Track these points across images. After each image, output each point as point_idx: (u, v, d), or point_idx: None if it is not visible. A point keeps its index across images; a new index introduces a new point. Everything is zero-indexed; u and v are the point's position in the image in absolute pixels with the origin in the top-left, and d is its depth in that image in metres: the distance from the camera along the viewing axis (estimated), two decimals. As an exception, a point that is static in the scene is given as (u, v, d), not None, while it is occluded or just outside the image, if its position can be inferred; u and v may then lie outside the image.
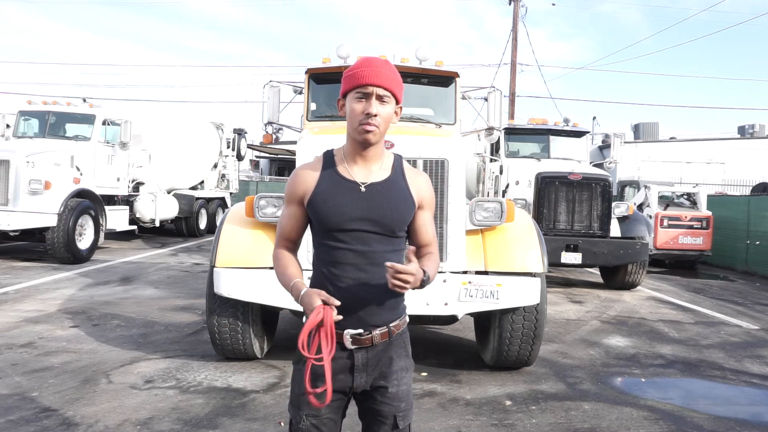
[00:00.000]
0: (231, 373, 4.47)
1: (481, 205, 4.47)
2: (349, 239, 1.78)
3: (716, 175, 21.75)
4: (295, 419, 1.83)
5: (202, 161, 15.65)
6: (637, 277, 9.24)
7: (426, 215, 1.91)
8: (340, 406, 1.87)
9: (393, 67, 1.80)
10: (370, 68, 1.75)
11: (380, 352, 1.83)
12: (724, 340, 6.27)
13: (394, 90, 1.78)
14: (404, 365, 1.89)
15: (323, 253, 1.83)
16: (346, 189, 1.80)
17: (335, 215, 1.78)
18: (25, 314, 6.14)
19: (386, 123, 1.79)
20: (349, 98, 1.79)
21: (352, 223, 1.78)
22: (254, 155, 32.73)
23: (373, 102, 1.74)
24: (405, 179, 1.87)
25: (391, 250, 1.82)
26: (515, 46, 20.08)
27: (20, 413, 3.59)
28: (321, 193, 1.80)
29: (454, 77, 5.62)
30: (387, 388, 1.84)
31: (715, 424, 3.84)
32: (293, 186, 1.87)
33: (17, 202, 9.34)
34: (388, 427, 1.86)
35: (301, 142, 4.62)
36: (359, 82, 1.75)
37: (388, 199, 1.81)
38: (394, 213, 1.81)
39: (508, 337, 4.47)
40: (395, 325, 1.85)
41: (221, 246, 4.31)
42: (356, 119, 1.76)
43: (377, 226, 1.79)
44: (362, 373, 1.82)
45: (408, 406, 1.89)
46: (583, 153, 10.72)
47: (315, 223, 1.84)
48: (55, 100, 11.80)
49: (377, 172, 1.84)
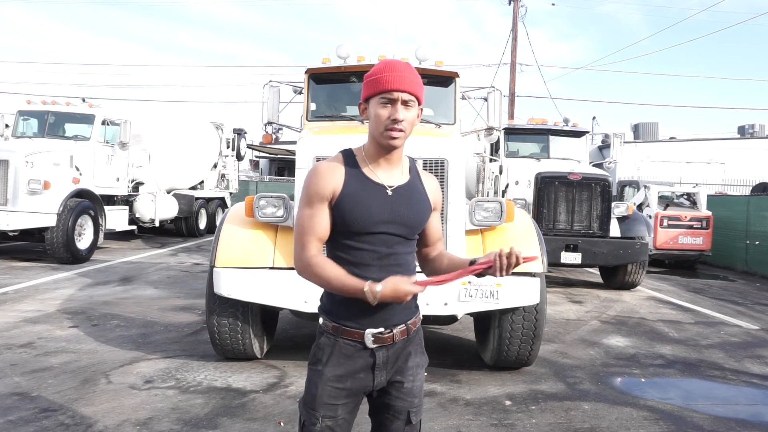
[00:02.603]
0: (231, 373, 4.47)
1: (481, 205, 4.47)
2: (374, 241, 1.78)
3: (716, 175, 21.76)
4: (310, 420, 1.82)
5: (201, 161, 15.64)
6: (636, 277, 9.23)
7: (437, 216, 1.98)
8: (356, 406, 1.87)
9: (415, 70, 1.80)
10: (394, 73, 1.74)
11: (399, 350, 1.85)
12: (724, 340, 6.27)
13: (418, 93, 1.79)
14: (420, 361, 1.93)
15: (344, 253, 1.80)
16: (374, 192, 1.79)
17: (364, 218, 1.76)
18: (24, 314, 6.14)
19: (411, 127, 1.79)
20: (372, 103, 1.78)
21: (380, 226, 1.77)
22: (254, 155, 32.74)
23: (399, 107, 1.74)
24: (421, 182, 1.90)
25: (409, 252, 1.86)
26: (515, 46, 20.07)
27: (19, 413, 3.58)
28: (350, 195, 1.77)
29: (454, 77, 5.62)
30: (403, 383, 1.87)
31: (715, 424, 3.84)
32: (320, 184, 1.77)
33: (16, 202, 9.32)
34: (402, 423, 1.88)
35: (300, 142, 4.62)
36: (384, 88, 1.74)
37: (411, 201, 1.83)
38: (417, 215, 1.84)
39: (508, 337, 4.47)
40: (412, 322, 1.89)
41: (221, 246, 4.31)
42: (382, 125, 1.75)
43: (402, 228, 1.80)
44: (382, 371, 1.83)
45: (420, 402, 1.93)
46: (583, 153, 10.72)
47: (340, 224, 1.79)
48: (54, 99, 11.78)
49: (399, 175, 1.85)
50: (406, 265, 1.83)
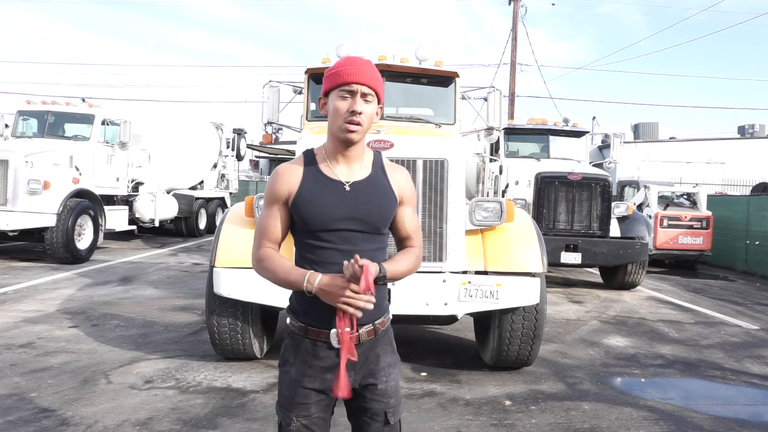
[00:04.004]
0: (231, 373, 4.47)
1: (481, 205, 4.47)
2: (335, 239, 1.78)
3: (716, 175, 21.76)
4: (285, 421, 1.83)
5: (201, 161, 15.64)
6: (636, 277, 9.23)
7: (407, 210, 1.92)
8: (329, 405, 1.87)
9: (374, 67, 1.82)
10: (353, 67, 1.76)
11: (367, 350, 1.83)
12: (724, 340, 6.27)
13: (377, 88, 1.80)
14: (391, 361, 1.90)
15: (308, 252, 1.81)
16: (331, 189, 1.79)
17: (321, 216, 1.77)
18: (24, 314, 6.14)
19: (369, 121, 1.79)
20: (332, 97, 1.79)
21: (338, 223, 1.77)
22: (254, 155, 32.72)
23: (358, 100, 1.75)
24: (386, 176, 1.88)
25: (376, 248, 1.83)
26: (515, 46, 20.08)
27: (19, 413, 3.58)
28: (306, 194, 1.79)
29: (454, 77, 5.62)
30: (376, 385, 1.85)
31: (715, 424, 3.84)
32: (275, 186, 1.83)
33: (16, 202, 9.32)
34: (380, 425, 1.86)
35: (300, 142, 4.62)
36: (343, 80, 1.75)
37: (372, 197, 1.81)
38: (378, 210, 1.81)
39: (508, 337, 4.47)
40: (380, 323, 1.86)
41: (221, 246, 4.31)
42: (340, 118, 1.76)
43: (362, 224, 1.79)
44: (350, 371, 1.81)
45: (397, 402, 1.90)
46: (583, 153, 10.72)
47: (299, 223, 1.82)
48: (54, 99, 11.78)
49: (359, 170, 1.84)
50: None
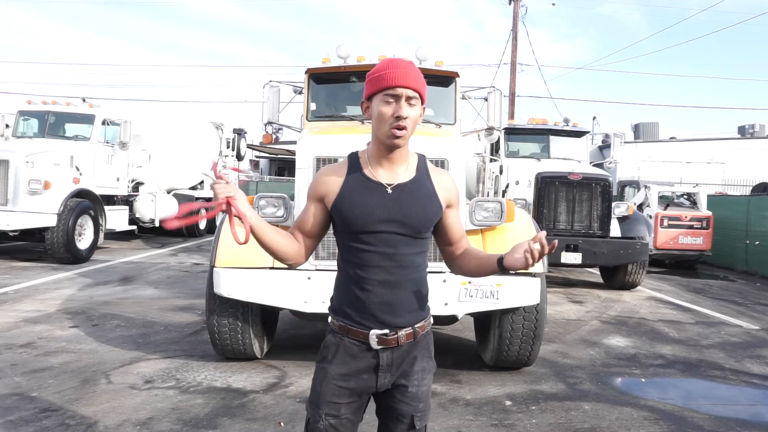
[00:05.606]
0: (231, 374, 4.47)
1: (481, 205, 4.47)
2: (376, 241, 1.77)
3: (716, 175, 21.75)
4: (314, 418, 1.82)
5: (201, 161, 15.64)
6: (637, 277, 9.23)
7: (454, 213, 1.92)
8: (360, 407, 1.87)
9: (417, 68, 1.78)
10: (397, 70, 1.72)
11: (405, 353, 1.82)
12: (724, 340, 6.27)
13: (421, 91, 1.76)
14: (426, 366, 1.88)
15: (349, 255, 1.81)
16: (372, 190, 1.78)
17: (361, 217, 1.76)
18: (24, 314, 6.14)
19: (414, 125, 1.77)
20: (375, 101, 1.76)
21: (379, 225, 1.76)
22: (254, 155, 32.73)
23: (403, 104, 1.72)
24: (430, 179, 1.87)
25: (417, 252, 1.82)
26: (515, 46, 20.08)
27: (20, 413, 3.58)
28: (346, 195, 1.78)
29: (454, 77, 5.62)
30: (407, 387, 1.84)
31: (715, 424, 3.84)
32: (315, 185, 1.86)
33: (17, 202, 9.33)
34: (405, 427, 1.86)
35: (300, 142, 4.61)
36: (388, 84, 1.72)
37: (415, 199, 1.80)
38: (420, 214, 1.80)
39: (508, 337, 4.47)
40: (420, 326, 1.84)
41: (221, 246, 4.30)
42: (386, 123, 1.73)
43: (404, 227, 1.78)
44: (386, 373, 1.81)
45: (426, 407, 1.89)
46: (583, 153, 10.72)
47: (340, 225, 1.81)
48: (54, 99, 11.78)
49: (403, 173, 1.82)
50: (413, 266, 1.81)
